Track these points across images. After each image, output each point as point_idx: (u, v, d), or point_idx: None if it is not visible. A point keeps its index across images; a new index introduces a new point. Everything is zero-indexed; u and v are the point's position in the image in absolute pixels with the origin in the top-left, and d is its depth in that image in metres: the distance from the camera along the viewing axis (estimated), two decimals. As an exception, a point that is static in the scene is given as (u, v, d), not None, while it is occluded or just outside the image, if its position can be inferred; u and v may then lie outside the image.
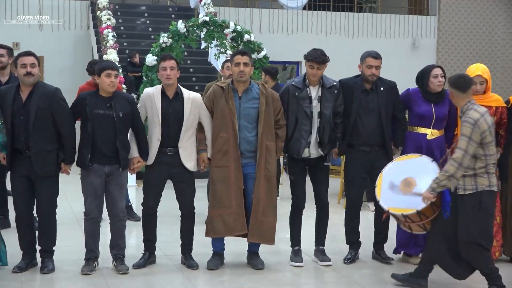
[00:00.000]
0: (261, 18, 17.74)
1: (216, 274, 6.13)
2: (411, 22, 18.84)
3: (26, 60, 5.86)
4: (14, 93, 5.89)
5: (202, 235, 6.35)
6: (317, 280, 6.22)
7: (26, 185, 5.97)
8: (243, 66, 6.12)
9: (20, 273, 5.93)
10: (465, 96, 5.47)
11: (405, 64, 16.78)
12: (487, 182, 5.39)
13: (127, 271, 6.03)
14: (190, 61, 15.85)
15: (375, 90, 6.43)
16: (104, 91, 5.98)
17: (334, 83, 6.35)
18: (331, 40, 17.77)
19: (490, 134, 5.36)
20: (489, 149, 5.37)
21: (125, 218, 6.23)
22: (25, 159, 5.88)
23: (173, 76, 6.12)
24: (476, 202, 5.37)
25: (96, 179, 5.99)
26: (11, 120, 5.84)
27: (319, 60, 6.18)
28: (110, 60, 6.24)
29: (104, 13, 15.01)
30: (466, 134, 5.29)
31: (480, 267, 5.51)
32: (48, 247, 6.09)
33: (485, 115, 5.36)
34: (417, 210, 5.59)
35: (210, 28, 12.21)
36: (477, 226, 5.39)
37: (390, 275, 5.98)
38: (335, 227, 7.03)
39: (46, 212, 6.03)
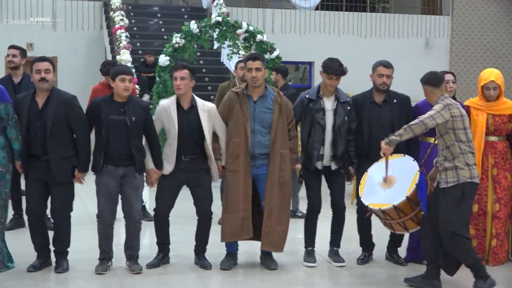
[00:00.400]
0: (273, 18, 17.75)
1: (229, 274, 6.14)
2: (424, 22, 18.78)
3: (40, 66, 5.88)
4: (30, 100, 5.91)
5: (215, 236, 6.36)
6: (330, 281, 6.21)
7: (42, 189, 5.99)
8: (255, 71, 6.12)
9: (35, 272, 5.96)
10: (438, 91, 5.69)
11: (418, 65, 16.71)
12: (469, 174, 5.51)
13: (140, 271, 6.04)
14: (203, 62, 15.87)
15: (388, 102, 6.41)
16: (118, 95, 6.00)
17: (348, 99, 6.37)
18: (343, 40, 17.76)
19: (462, 122, 5.53)
20: (461, 136, 5.51)
21: (140, 221, 6.25)
22: (41, 163, 5.91)
23: (183, 86, 6.10)
24: (458, 194, 5.49)
25: (110, 180, 6.01)
26: (27, 126, 5.87)
27: (338, 72, 6.19)
28: (124, 64, 6.25)
29: (117, 13, 15.07)
30: (437, 109, 5.53)
31: (464, 258, 5.55)
32: (63, 249, 6.12)
33: (457, 105, 5.61)
34: (393, 205, 5.65)
35: (223, 28, 12.21)
36: (457, 217, 5.48)
37: (403, 275, 5.99)
38: (349, 228, 7.00)
39: (61, 215, 6.06)
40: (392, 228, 5.94)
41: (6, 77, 7.73)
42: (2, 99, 5.91)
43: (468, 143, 5.56)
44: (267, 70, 6.35)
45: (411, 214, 5.73)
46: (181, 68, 6.15)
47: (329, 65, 6.20)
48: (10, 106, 5.93)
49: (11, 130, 5.91)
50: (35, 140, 5.89)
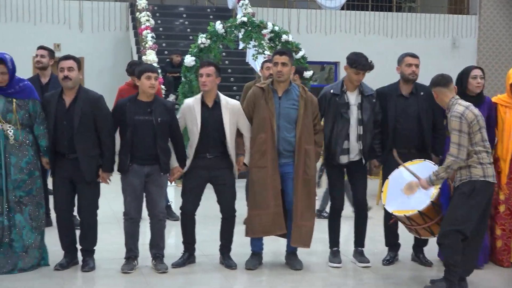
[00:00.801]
0: (299, 18, 17.72)
1: (254, 274, 6.14)
2: (451, 22, 18.64)
3: (64, 64, 5.94)
4: (57, 98, 5.97)
5: (241, 235, 6.37)
6: (355, 281, 6.18)
7: (68, 187, 6.05)
8: (281, 66, 6.11)
9: (62, 271, 6.01)
10: (448, 91, 5.60)
11: (445, 65, 16.54)
12: (481, 172, 5.44)
13: (166, 270, 6.07)
14: (228, 62, 15.89)
15: (415, 94, 6.37)
16: (144, 93, 6.04)
17: (372, 92, 6.33)
18: (369, 40, 17.68)
19: (478, 123, 5.45)
20: (476, 137, 5.44)
21: (164, 219, 6.28)
22: (68, 161, 5.96)
23: (209, 83, 6.12)
24: (468, 189, 5.42)
25: (135, 179, 6.05)
26: (54, 124, 5.93)
27: (366, 67, 6.16)
28: (149, 63, 6.30)
29: (143, 14, 15.16)
30: (456, 128, 5.43)
31: (448, 254, 5.47)
32: (89, 247, 6.17)
33: (469, 107, 5.49)
34: (418, 210, 5.63)
35: (248, 28, 12.21)
36: (461, 213, 5.40)
37: (429, 276, 5.95)
38: (374, 228, 6.98)
39: (88, 214, 6.11)
40: (418, 234, 5.92)
41: (34, 77, 7.80)
42: (31, 96, 5.98)
43: (483, 143, 5.48)
44: (293, 67, 6.33)
45: (436, 218, 5.71)
46: (207, 65, 6.17)
47: (356, 60, 6.17)
48: (38, 104, 6.00)
49: (38, 127, 5.99)
50: (61, 138, 5.94)
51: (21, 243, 5.94)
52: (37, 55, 7.80)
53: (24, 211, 5.93)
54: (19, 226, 5.91)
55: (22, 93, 5.94)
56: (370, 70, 6.22)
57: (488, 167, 5.47)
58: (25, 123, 5.94)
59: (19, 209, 5.91)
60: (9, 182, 5.88)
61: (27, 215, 5.94)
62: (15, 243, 5.92)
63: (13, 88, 5.91)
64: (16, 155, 5.88)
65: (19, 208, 5.91)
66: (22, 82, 6.00)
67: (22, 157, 5.91)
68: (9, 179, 5.88)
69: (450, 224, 5.43)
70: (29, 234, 5.97)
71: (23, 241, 5.94)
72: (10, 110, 5.86)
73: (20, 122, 5.90)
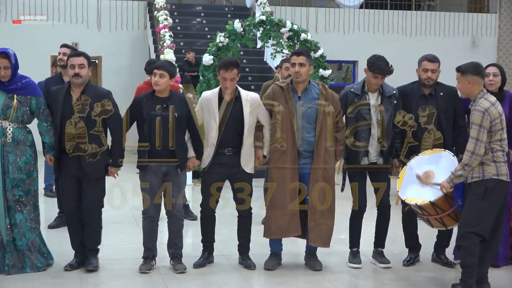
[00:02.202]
0: (317, 17, 17.66)
1: (273, 274, 6.08)
2: (471, 20, 18.49)
3: (74, 61, 5.87)
4: (65, 94, 5.90)
5: (259, 236, 6.32)
6: (376, 282, 6.12)
7: (75, 186, 5.97)
8: (299, 66, 6.05)
9: (78, 270, 5.98)
10: (482, 83, 5.49)
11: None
12: (494, 170, 5.33)
13: (184, 270, 6.03)
14: (246, 61, 15.86)
15: (434, 95, 6.30)
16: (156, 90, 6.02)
17: (394, 92, 6.26)
18: (388, 39, 17.58)
19: (500, 123, 5.36)
20: (496, 136, 5.34)
21: (182, 218, 6.23)
22: (73, 159, 5.88)
23: (232, 86, 6.07)
24: (481, 190, 5.33)
25: (153, 178, 6.01)
26: (60, 120, 5.85)
27: (385, 72, 6.10)
28: (164, 60, 6.22)
29: (161, 13, 15.16)
30: (477, 122, 5.31)
31: (463, 256, 5.40)
32: (94, 246, 6.09)
33: (495, 104, 5.38)
34: (430, 201, 5.60)
35: (267, 27, 12.17)
36: (476, 215, 5.32)
37: (450, 278, 5.90)
38: (394, 229, 6.90)
39: (93, 212, 6.02)
40: (430, 224, 5.88)
41: (57, 76, 7.80)
42: (34, 93, 5.89)
43: (500, 142, 5.37)
44: (312, 67, 6.27)
45: (449, 210, 5.66)
46: (231, 68, 6.04)
47: (375, 64, 6.10)
48: (41, 101, 5.91)
49: (41, 123, 5.93)
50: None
51: (25, 241, 5.88)
52: (59, 53, 7.75)
53: (23, 210, 5.86)
54: (20, 225, 5.85)
55: (24, 89, 5.85)
56: (389, 75, 6.15)
57: (502, 165, 5.37)
58: (25, 120, 5.86)
59: (19, 209, 5.83)
60: (7, 181, 5.80)
61: (27, 215, 5.88)
62: (18, 241, 5.86)
63: (15, 84, 5.81)
64: (14, 153, 5.80)
65: (19, 207, 5.83)
66: (25, 78, 5.90)
67: (21, 156, 5.83)
68: (7, 178, 5.80)
69: (466, 226, 5.36)
70: (29, 234, 5.92)
71: (26, 239, 5.88)
72: (10, 106, 5.76)
73: (20, 119, 5.81)
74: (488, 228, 5.37)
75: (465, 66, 5.54)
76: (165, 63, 6.21)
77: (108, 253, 6.52)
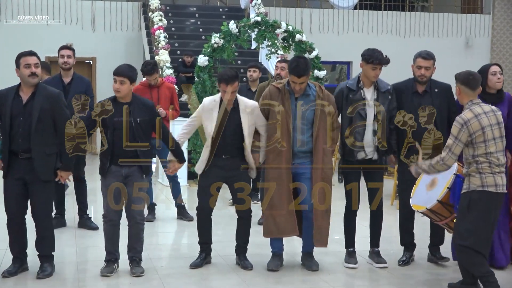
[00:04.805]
0: (311, 18, 17.69)
1: (271, 274, 6.11)
2: (465, 21, 18.56)
3: (30, 60, 5.71)
4: (14, 94, 5.73)
5: (256, 236, 6.34)
6: (372, 282, 6.15)
7: (21, 189, 5.77)
8: (299, 85, 6.05)
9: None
10: (472, 94, 5.42)
11: (458, 64, 16.36)
12: (479, 182, 5.26)
13: (142, 274, 5.95)
14: (241, 62, 15.88)
15: (429, 92, 6.34)
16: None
17: (388, 87, 6.30)
18: (382, 40, 17.62)
19: (482, 135, 5.25)
20: (478, 149, 5.27)
21: (142, 221, 6.09)
22: (20, 161, 5.72)
23: (233, 97, 6.08)
24: (466, 202, 5.32)
25: (113, 180, 5.89)
26: (10, 122, 5.67)
27: (383, 61, 6.14)
28: (126, 64, 6.08)
29: (156, 14, 15.18)
30: (454, 134, 5.32)
31: (471, 269, 5.40)
32: (47, 252, 5.93)
33: (480, 116, 5.27)
34: (426, 208, 5.68)
35: (262, 28, 12.19)
36: (465, 227, 5.30)
37: (445, 276, 5.94)
38: (389, 229, 6.94)
39: (43, 216, 5.85)
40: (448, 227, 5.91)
41: (57, 77, 7.72)
42: None
43: (486, 156, 5.26)
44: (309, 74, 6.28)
45: (450, 216, 5.68)
46: (232, 82, 6.03)
47: (372, 55, 6.14)
48: None
49: None
50: (16, 136, 5.68)
51: None
52: (63, 56, 7.66)
53: None
54: None
55: None
56: (387, 64, 6.19)
57: (489, 176, 5.25)
58: None
59: None
60: None
61: None
62: None
63: None
64: None
65: None
66: None
67: None
68: None
69: (458, 238, 5.36)
70: None
71: None
72: None
73: None
74: (483, 241, 5.30)
75: (458, 73, 5.53)
76: (125, 68, 6.00)
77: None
